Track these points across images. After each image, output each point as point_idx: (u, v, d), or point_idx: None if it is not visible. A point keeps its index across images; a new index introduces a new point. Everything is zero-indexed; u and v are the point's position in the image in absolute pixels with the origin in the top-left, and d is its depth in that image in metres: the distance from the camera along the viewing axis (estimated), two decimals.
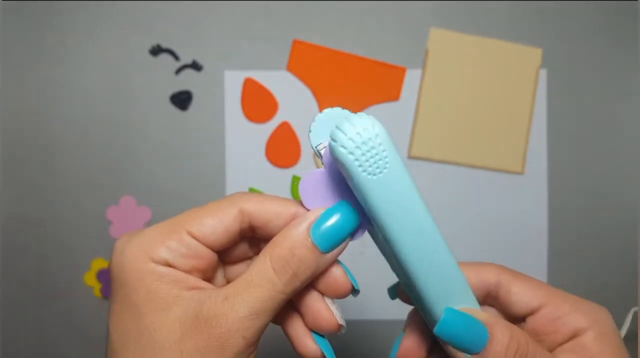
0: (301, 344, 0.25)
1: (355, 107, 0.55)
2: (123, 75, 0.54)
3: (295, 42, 0.54)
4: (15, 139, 0.54)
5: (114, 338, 0.23)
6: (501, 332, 0.23)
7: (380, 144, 0.20)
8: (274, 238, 0.23)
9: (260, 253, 0.23)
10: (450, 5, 0.55)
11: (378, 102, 0.55)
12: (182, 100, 0.54)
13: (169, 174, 0.55)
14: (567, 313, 0.24)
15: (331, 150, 0.21)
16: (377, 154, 0.21)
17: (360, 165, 0.21)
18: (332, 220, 0.23)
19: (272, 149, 0.55)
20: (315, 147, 0.23)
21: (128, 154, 0.54)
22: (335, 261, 0.24)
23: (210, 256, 0.24)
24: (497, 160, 0.55)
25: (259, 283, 0.22)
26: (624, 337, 0.46)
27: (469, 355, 0.22)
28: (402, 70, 0.55)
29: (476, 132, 0.55)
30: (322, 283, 0.24)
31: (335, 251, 0.23)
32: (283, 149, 0.55)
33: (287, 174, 0.55)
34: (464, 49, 0.55)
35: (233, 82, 0.55)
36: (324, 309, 0.24)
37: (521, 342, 0.23)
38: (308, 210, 0.24)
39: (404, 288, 0.26)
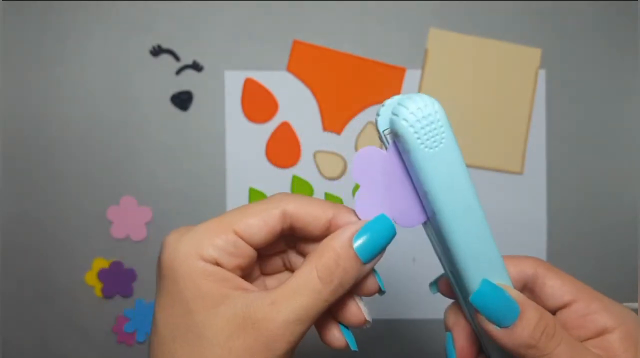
0: (329, 334, 0.27)
1: (355, 107, 0.55)
2: (123, 76, 0.54)
3: (295, 43, 0.54)
4: (16, 139, 0.54)
5: (164, 333, 0.24)
6: (532, 311, 0.23)
7: (438, 120, 0.22)
8: (319, 248, 0.24)
9: (306, 262, 0.24)
10: (450, 5, 0.55)
11: (378, 102, 0.55)
12: (182, 100, 0.54)
13: (170, 174, 0.55)
14: (597, 311, 0.25)
15: (392, 124, 0.23)
16: (435, 129, 0.22)
17: (419, 138, 0.22)
18: (373, 232, 0.24)
19: (272, 149, 0.55)
20: (382, 131, 0.24)
21: (129, 154, 0.55)
22: None
23: (252, 254, 0.25)
24: (496, 160, 0.55)
25: (304, 292, 0.23)
26: None
27: (498, 328, 0.23)
28: (402, 71, 0.55)
29: (475, 132, 0.55)
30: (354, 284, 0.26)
31: (374, 261, 0.25)
32: (283, 149, 0.55)
33: (287, 173, 0.55)
34: (463, 49, 0.55)
35: (233, 82, 0.55)
36: (353, 306, 0.26)
37: (549, 324, 0.24)
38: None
39: (446, 273, 0.27)
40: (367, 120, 0.55)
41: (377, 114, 0.24)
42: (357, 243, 0.24)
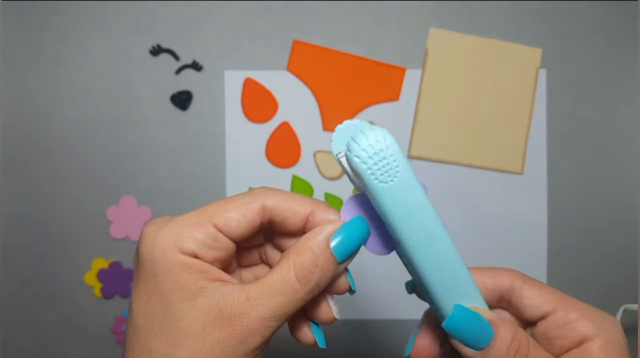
0: (299, 330, 0.27)
1: (355, 107, 0.55)
2: (123, 75, 0.54)
3: (295, 42, 0.54)
4: (16, 139, 0.54)
5: (140, 322, 0.24)
6: (505, 331, 0.24)
7: (391, 155, 0.22)
8: (297, 247, 0.25)
9: (283, 259, 0.25)
10: (450, 5, 0.55)
11: (378, 102, 0.55)
12: (182, 100, 0.54)
13: (169, 174, 0.55)
14: (576, 319, 0.25)
15: (347, 159, 0.23)
16: (388, 164, 0.22)
17: (372, 173, 0.23)
18: (349, 233, 0.25)
19: (272, 149, 0.55)
20: (336, 155, 0.25)
21: (128, 153, 0.55)
22: None
23: (231, 247, 0.26)
24: (497, 160, 0.55)
25: (281, 290, 0.24)
26: None
27: (473, 350, 0.24)
28: (402, 70, 0.55)
29: (476, 132, 0.55)
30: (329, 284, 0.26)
31: (349, 260, 0.25)
32: (283, 149, 0.55)
33: (287, 173, 0.55)
34: (463, 49, 0.55)
35: (233, 82, 0.55)
36: (324, 304, 0.26)
37: (522, 343, 0.24)
38: (327, 212, 0.26)
39: (418, 288, 0.28)
40: (367, 120, 0.55)
41: (331, 139, 0.25)
42: (334, 243, 0.24)
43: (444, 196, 0.55)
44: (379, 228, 0.26)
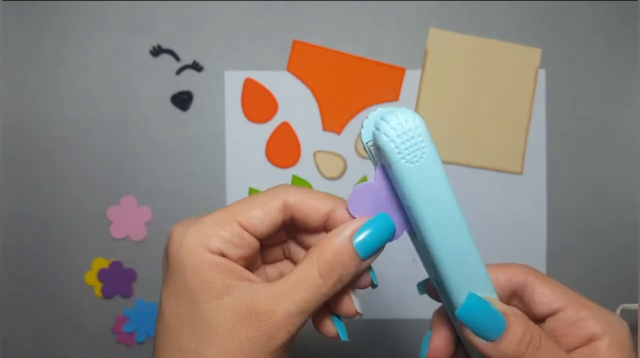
0: (322, 323, 0.28)
1: (355, 107, 0.55)
2: (124, 76, 0.54)
3: (295, 43, 0.54)
4: (16, 139, 0.54)
5: (170, 322, 0.25)
6: (517, 324, 0.24)
7: (419, 135, 0.22)
8: (320, 244, 0.25)
9: (307, 257, 0.25)
10: (450, 5, 0.55)
11: (378, 102, 0.55)
12: (182, 100, 0.54)
13: (170, 174, 0.55)
14: (585, 318, 0.25)
15: (374, 137, 0.23)
16: (415, 144, 0.23)
17: (399, 153, 0.23)
18: (373, 230, 0.25)
19: (272, 149, 0.55)
20: (366, 143, 0.25)
21: (129, 154, 0.55)
22: None
23: (255, 245, 0.26)
24: (496, 160, 0.55)
25: (305, 286, 0.24)
26: None
27: (485, 341, 0.24)
28: (402, 71, 0.55)
29: (475, 132, 0.55)
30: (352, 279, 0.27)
31: (373, 257, 0.26)
32: (283, 149, 0.55)
33: (287, 173, 0.55)
34: (463, 49, 0.55)
35: (233, 82, 0.55)
36: (347, 298, 0.27)
37: (535, 336, 0.24)
38: (348, 211, 0.26)
39: (432, 282, 0.28)
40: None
41: (361, 126, 0.25)
42: (358, 239, 0.25)
43: None
44: (390, 213, 0.26)
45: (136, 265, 0.55)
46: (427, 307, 0.54)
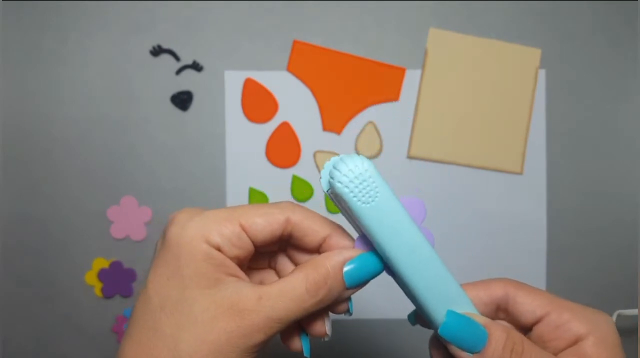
0: (289, 337, 0.29)
1: (355, 107, 0.55)
2: (123, 76, 0.54)
3: (296, 43, 0.54)
4: (16, 139, 0.54)
5: (154, 300, 0.25)
6: (498, 332, 0.25)
7: (370, 177, 0.24)
8: (314, 262, 0.26)
9: (298, 270, 0.26)
10: (450, 5, 0.55)
11: (378, 102, 0.55)
12: (182, 100, 0.54)
13: (170, 174, 0.55)
14: (569, 320, 0.26)
15: (331, 186, 0.25)
16: (368, 186, 0.24)
17: (354, 196, 0.24)
18: (363, 263, 0.27)
19: (272, 149, 0.55)
20: (326, 191, 0.27)
21: (129, 154, 0.55)
22: None
23: (251, 249, 0.27)
24: (496, 160, 0.55)
25: (291, 297, 0.25)
26: None
27: (470, 355, 0.24)
28: (402, 71, 0.55)
29: (475, 132, 0.55)
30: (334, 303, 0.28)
31: (356, 288, 0.27)
32: (283, 149, 0.55)
33: (287, 173, 0.55)
34: (463, 49, 0.55)
35: (233, 82, 0.55)
36: (320, 319, 0.28)
37: (517, 341, 0.25)
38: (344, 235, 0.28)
39: (418, 310, 0.29)
40: (367, 120, 0.55)
41: (320, 177, 0.27)
42: (347, 268, 0.26)
43: (443, 196, 0.55)
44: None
45: (136, 265, 0.55)
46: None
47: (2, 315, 0.54)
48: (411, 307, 0.29)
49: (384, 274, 0.27)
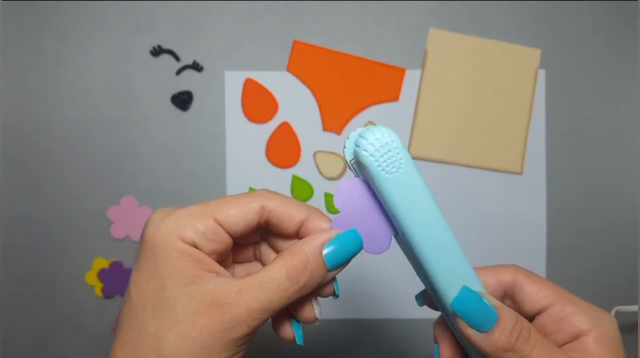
0: (280, 326, 0.29)
1: (355, 107, 0.55)
2: (124, 76, 0.54)
3: (296, 43, 0.54)
4: (16, 139, 0.54)
5: (136, 303, 0.25)
6: (508, 316, 0.25)
7: (395, 148, 0.25)
8: (292, 249, 0.26)
9: (277, 259, 0.26)
10: (449, 5, 0.55)
11: (378, 102, 0.55)
12: (182, 100, 0.54)
13: (170, 174, 0.55)
14: (571, 314, 0.26)
15: (356, 154, 0.25)
16: (392, 156, 0.25)
17: (379, 165, 0.25)
18: (342, 244, 0.27)
19: (272, 149, 0.55)
20: (349, 161, 0.27)
21: (129, 154, 0.55)
22: None
23: (229, 242, 0.27)
24: (496, 160, 0.55)
25: (271, 286, 0.25)
26: None
27: (477, 333, 0.24)
28: (402, 71, 0.55)
29: (475, 132, 0.55)
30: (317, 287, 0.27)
31: (338, 269, 0.27)
32: (283, 149, 0.55)
33: (287, 173, 0.55)
34: (463, 49, 0.55)
35: (233, 83, 0.55)
36: (308, 304, 0.28)
37: (524, 328, 0.25)
38: (333, 214, 0.27)
39: (427, 290, 0.29)
40: (367, 120, 0.55)
41: (344, 146, 0.27)
42: (326, 251, 0.26)
43: (443, 196, 0.55)
44: (376, 223, 0.27)
45: None
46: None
47: (2, 315, 0.54)
48: (418, 288, 0.29)
49: (384, 274, 0.27)
